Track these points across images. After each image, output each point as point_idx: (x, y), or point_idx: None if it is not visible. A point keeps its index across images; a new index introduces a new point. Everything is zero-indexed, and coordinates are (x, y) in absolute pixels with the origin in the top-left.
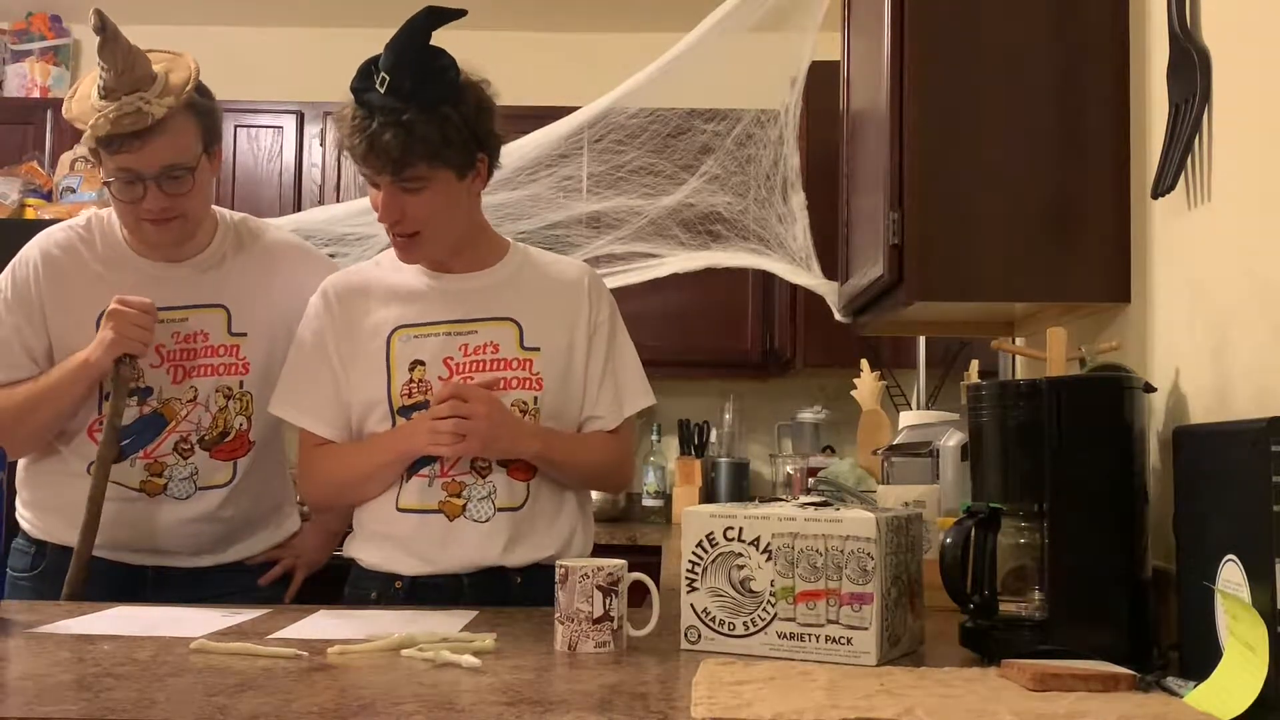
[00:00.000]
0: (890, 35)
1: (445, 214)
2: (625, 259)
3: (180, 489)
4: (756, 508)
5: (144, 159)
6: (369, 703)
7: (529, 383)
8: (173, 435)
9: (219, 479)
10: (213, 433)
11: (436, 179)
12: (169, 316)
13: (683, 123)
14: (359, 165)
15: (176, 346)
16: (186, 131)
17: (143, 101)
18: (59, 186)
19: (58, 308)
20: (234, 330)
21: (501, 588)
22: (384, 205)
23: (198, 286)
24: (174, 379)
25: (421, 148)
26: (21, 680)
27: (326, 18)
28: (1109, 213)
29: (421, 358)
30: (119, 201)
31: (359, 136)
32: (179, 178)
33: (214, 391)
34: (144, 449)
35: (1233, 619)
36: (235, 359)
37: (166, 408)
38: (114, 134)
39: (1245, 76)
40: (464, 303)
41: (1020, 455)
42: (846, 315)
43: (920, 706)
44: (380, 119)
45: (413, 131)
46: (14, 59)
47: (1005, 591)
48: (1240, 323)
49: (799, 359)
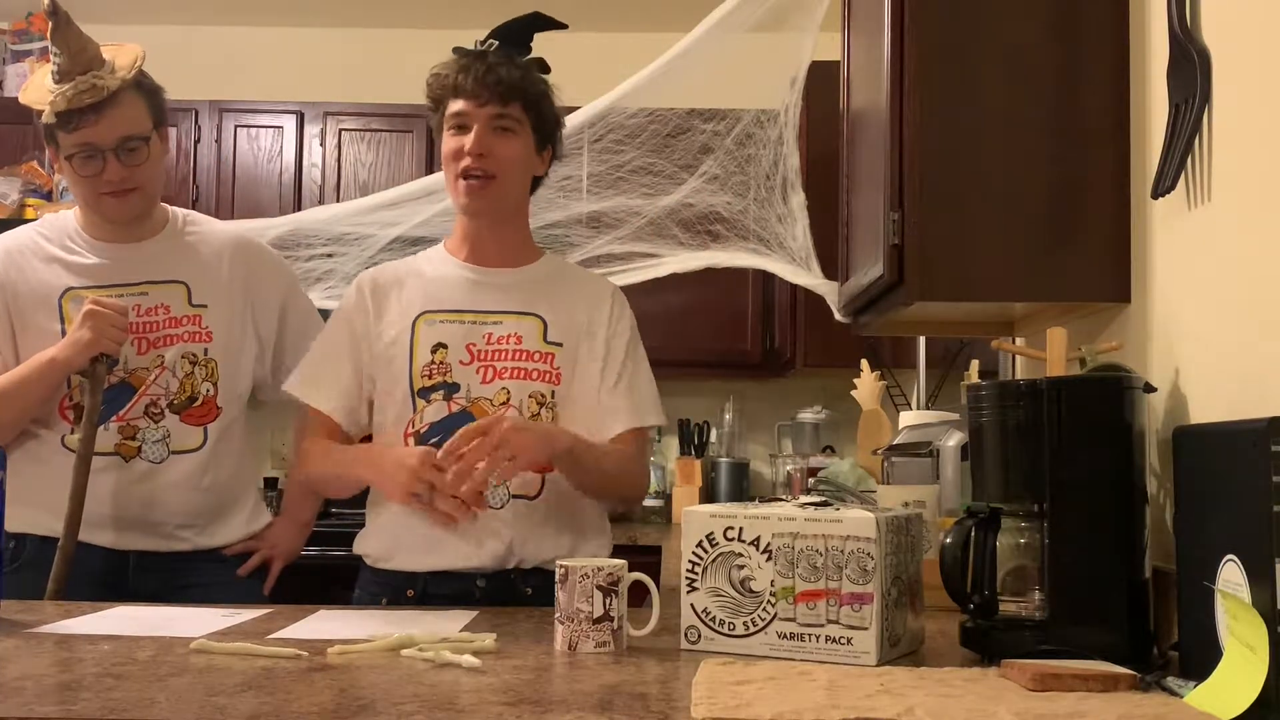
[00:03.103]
0: (890, 35)
1: (521, 166)
2: (624, 259)
3: (154, 451)
4: (756, 508)
5: (101, 131)
6: (369, 703)
7: (549, 375)
8: (143, 399)
9: (191, 443)
10: (180, 397)
11: (524, 132)
12: (129, 292)
13: (682, 122)
14: (459, 102)
15: (139, 319)
16: (137, 105)
17: (95, 78)
18: (59, 186)
19: (16, 292)
20: (194, 302)
21: (513, 598)
22: (476, 138)
23: (155, 264)
24: (139, 350)
25: (528, 89)
26: (21, 680)
27: (326, 18)
28: (1109, 213)
29: (444, 341)
30: (80, 177)
31: (467, 73)
32: (135, 149)
33: (180, 358)
34: (116, 414)
35: (1233, 619)
36: (199, 328)
37: (134, 376)
38: (72, 109)
39: (1245, 76)
40: (491, 294)
41: (1020, 455)
42: (846, 315)
43: (920, 706)
44: (493, 59)
45: (527, 74)
46: (14, 59)
47: (1005, 591)
48: (1240, 323)
49: (799, 359)
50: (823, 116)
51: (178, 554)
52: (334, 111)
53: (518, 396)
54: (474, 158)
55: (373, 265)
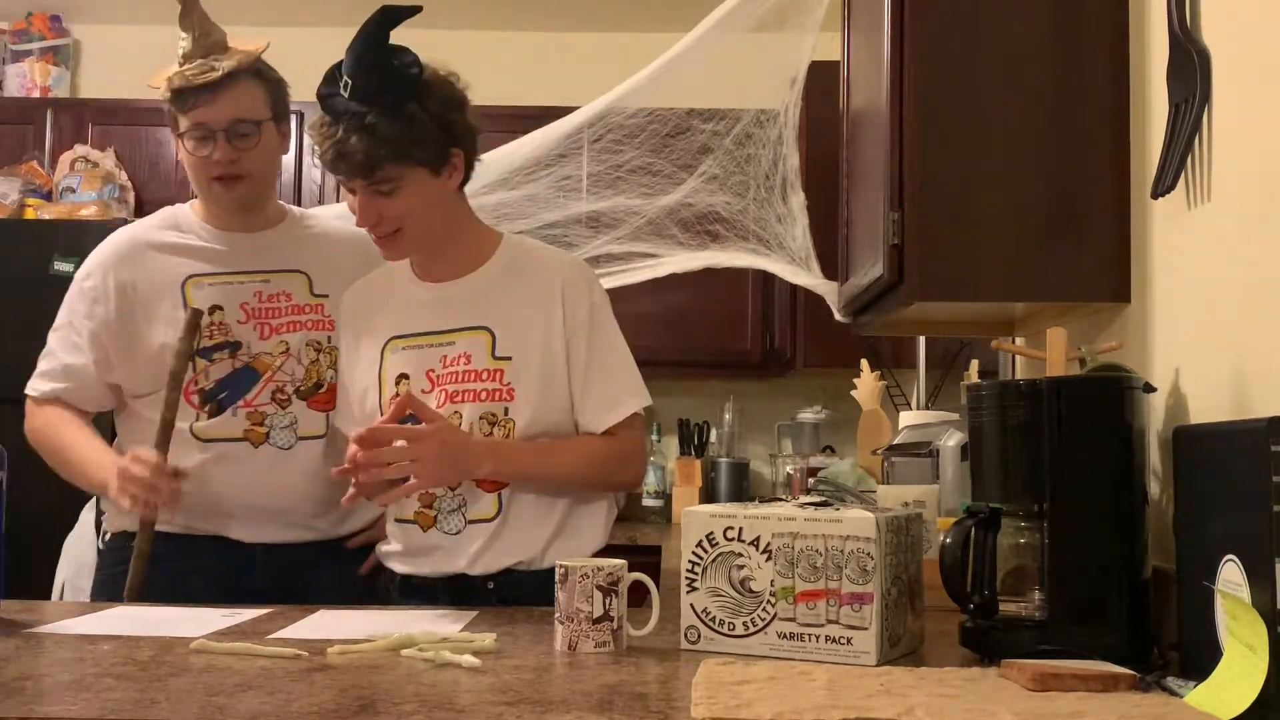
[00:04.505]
0: (890, 35)
1: (422, 212)
2: (624, 259)
3: (282, 438)
4: (756, 508)
5: (213, 112)
6: (369, 703)
7: (499, 394)
8: (269, 385)
9: (316, 429)
10: (307, 383)
11: (409, 178)
12: (251, 279)
13: (682, 122)
14: (331, 172)
15: (261, 305)
16: (252, 92)
17: (216, 59)
18: (59, 186)
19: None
20: (316, 292)
21: (476, 596)
22: (360, 209)
23: (275, 254)
24: (261, 335)
25: (388, 149)
26: (21, 680)
27: (326, 18)
28: (1109, 213)
29: (406, 371)
30: (192, 158)
31: (327, 145)
32: (246, 134)
33: (304, 345)
34: (243, 398)
35: (1233, 619)
36: (321, 315)
37: (257, 361)
38: (187, 87)
39: (1245, 76)
40: (445, 311)
41: (1020, 455)
42: (846, 315)
43: (920, 706)
44: (345, 124)
45: (377, 133)
46: (14, 59)
47: (1005, 591)
48: (1240, 322)
49: (799, 359)
50: (823, 116)
51: (305, 544)
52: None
53: (469, 419)
54: (369, 226)
55: None
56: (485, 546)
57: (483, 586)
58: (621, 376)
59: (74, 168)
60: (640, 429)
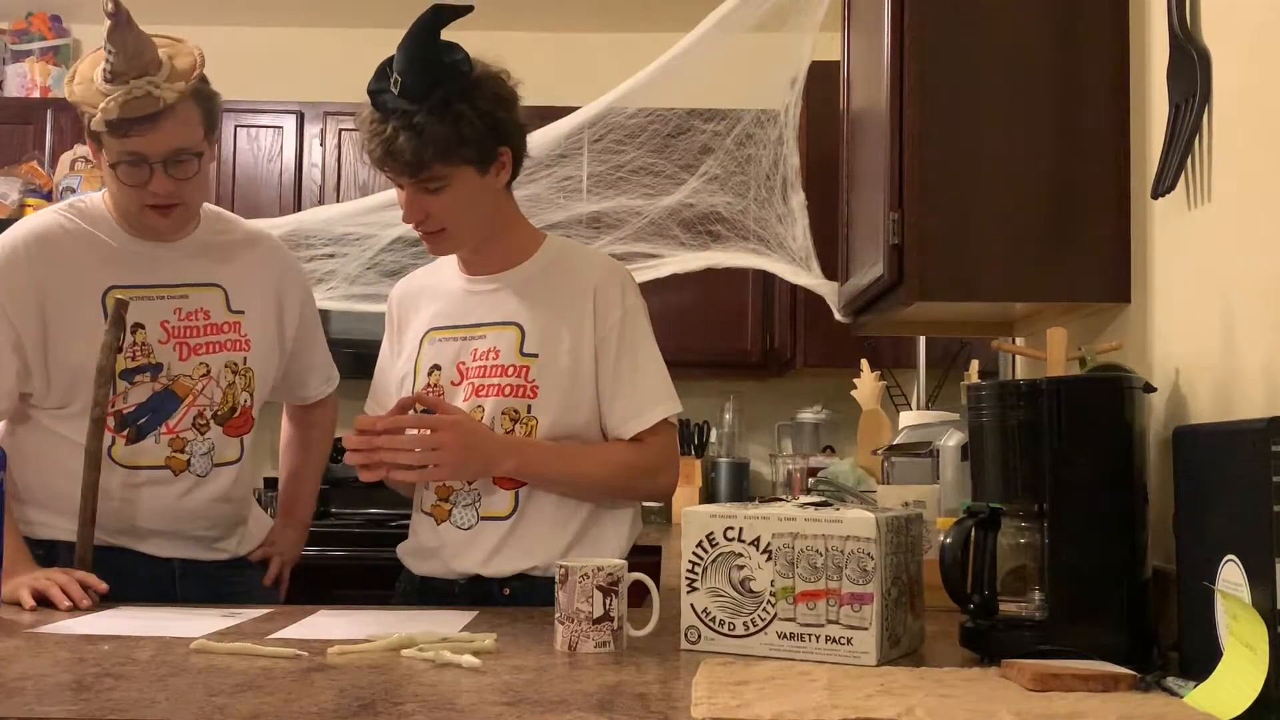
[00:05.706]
0: (890, 35)
1: (469, 210)
2: (625, 259)
3: (200, 465)
4: (756, 508)
5: (152, 143)
6: (369, 703)
7: (522, 390)
8: (190, 410)
9: (230, 456)
10: (224, 408)
11: (456, 177)
12: (170, 294)
13: (682, 123)
14: (378, 169)
15: (180, 323)
16: (193, 119)
17: (152, 86)
18: (59, 186)
19: (53, 286)
20: (232, 308)
21: (488, 599)
22: (407, 206)
23: (192, 266)
24: (180, 356)
25: (436, 148)
26: (21, 680)
27: (326, 18)
28: (1109, 213)
29: (439, 362)
30: (124, 185)
31: (375, 142)
32: (185, 162)
33: (223, 367)
34: (165, 424)
35: (1233, 619)
36: (238, 335)
37: (177, 384)
38: (124, 118)
39: (1245, 76)
40: (480, 306)
41: (1020, 455)
42: (846, 315)
43: (920, 706)
44: (394, 122)
45: (425, 133)
46: (14, 59)
47: (1005, 591)
48: (1240, 323)
49: (799, 359)
50: (823, 116)
51: (218, 563)
52: (334, 111)
53: (491, 413)
54: (417, 223)
55: (374, 266)
56: (499, 546)
57: (498, 593)
58: (651, 382)
59: (74, 168)
60: (671, 436)
